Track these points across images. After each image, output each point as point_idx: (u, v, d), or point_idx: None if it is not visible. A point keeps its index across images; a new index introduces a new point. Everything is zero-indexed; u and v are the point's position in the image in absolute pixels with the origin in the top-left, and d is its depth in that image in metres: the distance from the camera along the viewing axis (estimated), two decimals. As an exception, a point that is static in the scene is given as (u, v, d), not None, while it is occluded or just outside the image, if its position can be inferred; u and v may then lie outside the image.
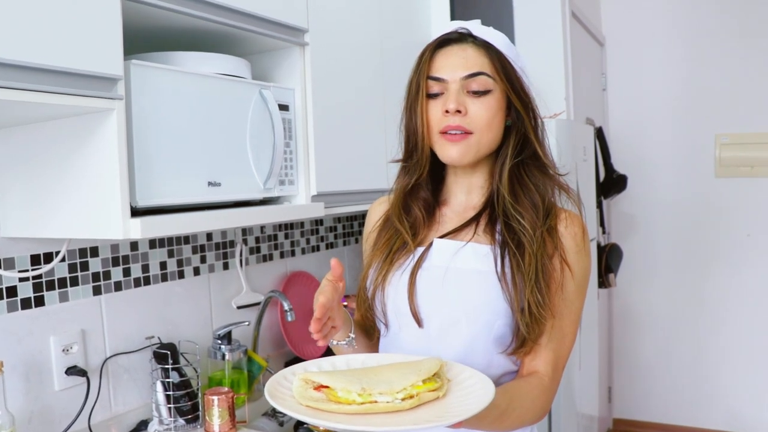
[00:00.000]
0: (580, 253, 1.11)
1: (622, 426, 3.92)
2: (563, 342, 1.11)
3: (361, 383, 0.86)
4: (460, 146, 1.07)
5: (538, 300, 1.03)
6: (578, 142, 2.75)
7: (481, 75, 1.08)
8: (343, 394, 0.85)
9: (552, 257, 1.08)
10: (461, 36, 1.11)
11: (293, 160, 1.63)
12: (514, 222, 1.08)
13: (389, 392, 0.85)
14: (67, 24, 1.06)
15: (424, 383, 0.88)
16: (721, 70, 3.54)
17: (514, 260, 1.06)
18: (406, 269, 1.11)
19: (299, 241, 2.32)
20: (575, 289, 1.10)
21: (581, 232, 1.12)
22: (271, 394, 0.89)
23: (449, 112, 1.06)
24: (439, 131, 1.08)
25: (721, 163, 3.60)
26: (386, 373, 0.90)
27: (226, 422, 1.58)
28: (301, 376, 0.91)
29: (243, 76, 1.49)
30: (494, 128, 1.09)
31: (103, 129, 1.16)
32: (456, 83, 1.07)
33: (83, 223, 1.23)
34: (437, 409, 0.86)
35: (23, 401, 1.42)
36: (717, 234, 3.64)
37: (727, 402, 3.65)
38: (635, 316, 3.87)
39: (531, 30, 2.83)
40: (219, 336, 1.80)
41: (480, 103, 1.07)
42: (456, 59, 1.09)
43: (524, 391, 1.04)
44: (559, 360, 1.10)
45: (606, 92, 3.83)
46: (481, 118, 1.07)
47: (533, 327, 1.03)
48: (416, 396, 0.86)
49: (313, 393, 0.87)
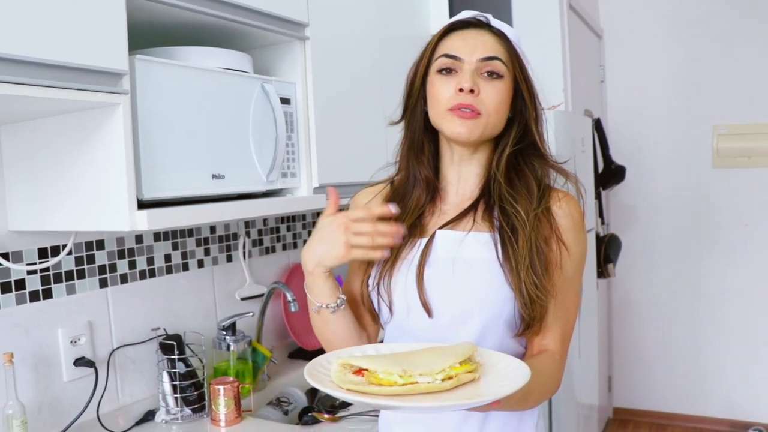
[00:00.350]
0: (576, 231, 1.13)
1: (622, 415, 3.96)
2: (568, 318, 1.13)
3: (400, 365, 0.88)
4: (470, 124, 1.09)
5: (534, 281, 1.05)
6: (576, 134, 2.77)
7: (496, 60, 1.10)
8: (384, 376, 0.87)
9: (549, 239, 1.10)
10: (479, 22, 1.15)
11: (295, 153, 1.65)
12: (508, 206, 1.10)
13: (429, 373, 0.87)
14: (73, 20, 1.08)
15: (461, 365, 0.90)
16: (718, 62, 3.56)
17: (509, 245, 1.08)
18: (413, 262, 1.12)
19: (301, 233, 2.34)
20: (574, 267, 1.13)
21: (577, 212, 1.14)
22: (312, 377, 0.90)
23: (463, 90, 1.08)
24: (449, 108, 1.10)
25: (718, 153, 3.62)
26: (423, 356, 0.91)
27: (232, 411, 1.61)
28: (339, 361, 0.92)
29: (245, 70, 1.52)
30: (501, 113, 1.12)
31: (109, 123, 1.18)
32: (472, 64, 1.09)
33: (90, 215, 1.26)
34: (476, 390, 0.89)
35: (33, 392, 1.45)
36: (715, 224, 3.67)
37: (725, 390, 3.69)
38: (635, 306, 3.90)
39: (529, 22, 2.84)
40: (223, 327, 1.83)
41: (492, 86, 1.09)
42: (474, 42, 1.11)
43: (541, 369, 1.06)
44: (565, 336, 1.13)
45: (604, 84, 3.85)
46: (492, 100, 1.09)
47: (533, 309, 1.05)
48: (455, 377, 0.88)
49: (352, 377, 0.89)
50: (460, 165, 1.18)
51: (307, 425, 1.62)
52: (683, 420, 3.79)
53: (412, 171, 1.20)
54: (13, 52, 0.99)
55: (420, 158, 1.19)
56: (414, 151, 1.19)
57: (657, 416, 3.86)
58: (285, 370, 2.07)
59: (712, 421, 3.72)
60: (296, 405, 1.86)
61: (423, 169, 1.19)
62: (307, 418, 1.64)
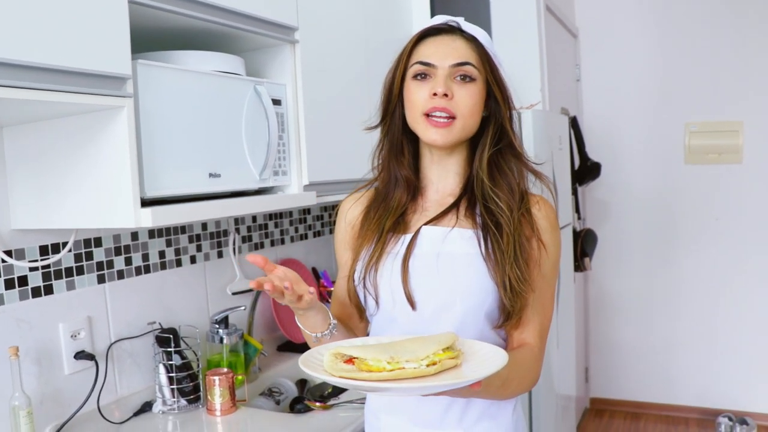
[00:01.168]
0: (553, 231, 1.21)
1: (598, 404, 4.07)
2: (545, 313, 1.21)
3: (388, 353, 0.95)
4: (443, 131, 1.15)
5: (518, 275, 1.12)
6: (553, 132, 2.86)
7: (468, 65, 1.16)
8: (374, 363, 0.94)
9: (530, 239, 1.17)
10: (451, 28, 1.21)
11: (286, 152, 1.71)
12: (492, 204, 1.17)
13: (415, 359, 0.94)
14: (78, 27, 1.14)
15: (444, 351, 0.98)
16: (690, 61, 3.68)
17: (494, 240, 1.15)
18: (398, 256, 1.18)
19: (288, 229, 2.40)
20: (551, 264, 1.21)
21: (552, 214, 1.23)
22: (306, 365, 0.96)
23: (437, 95, 1.14)
24: (424, 112, 1.16)
25: (690, 150, 3.74)
26: (409, 344, 0.99)
27: (227, 401, 1.67)
28: (332, 351, 0.99)
29: (238, 72, 1.58)
30: (475, 115, 1.18)
31: (113, 125, 1.24)
32: (445, 69, 1.16)
33: (94, 213, 1.31)
34: (458, 375, 0.96)
35: (36, 384, 1.50)
36: (686, 218, 3.79)
37: (697, 379, 3.82)
38: (610, 299, 4.02)
39: (507, 24, 2.92)
40: (216, 321, 1.89)
41: (465, 89, 1.16)
42: (446, 48, 1.17)
43: (520, 360, 1.13)
44: (543, 330, 1.21)
45: (580, 83, 3.95)
46: (465, 104, 1.16)
47: (515, 301, 1.13)
48: (439, 362, 0.96)
49: (343, 365, 0.96)
50: (439, 164, 1.24)
51: (300, 413, 1.69)
52: (657, 409, 3.92)
53: (393, 172, 1.26)
54: (22, 58, 1.05)
55: (400, 160, 1.25)
56: (394, 153, 1.25)
57: (632, 405, 3.98)
58: (275, 362, 2.14)
59: (685, 410, 3.85)
60: (287, 395, 1.93)
61: (403, 170, 1.25)
62: (300, 407, 1.71)
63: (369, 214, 1.26)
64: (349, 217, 1.30)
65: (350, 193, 1.34)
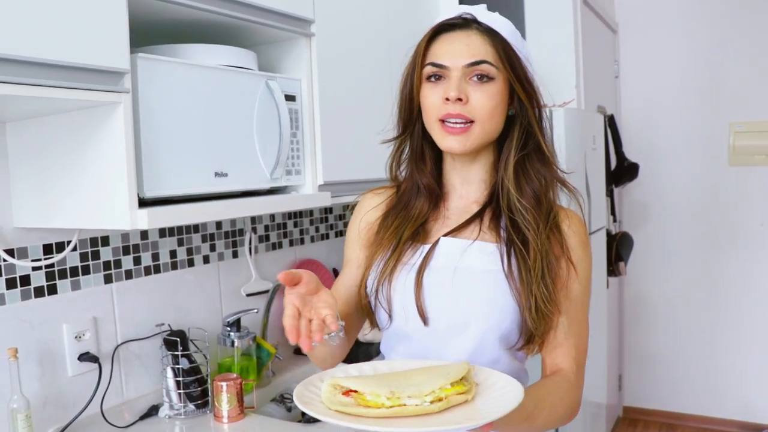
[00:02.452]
0: (584, 249, 1.11)
1: (632, 414, 3.93)
2: (581, 336, 1.11)
3: (389, 387, 0.86)
4: (460, 138, 1.06)
5: (545, 295, 1.03)
6: (587, 131, 2.75)
7: (483, 63, 1.05)
8: (371, 398, 0.86)
9: (559, 258, 1.07)
10: (466, 22, 1.09)
11: (300, 150, 1.65)
12: (519, 217, 1.07)
13: (418, 395, 0.86)
14: (73, 20, 1.09)
15: (452, 386, 0.89)
16: (736, 57, 3.51)
17: (520, 257, 1.05)
18: (413, 267, 1.10)
19: (308, 229, 2.34)
20: (582, 284, 1.10)
21: (583, 230, 1.12)
22: (301, 400, 0.89)
23: (450, 99, 1.04)
24: (438, 118, 1.06)
25: (735, 151, 3.57)
26: (414, 377, 0.90)
27: (234, 408, 1.61)
28: (329, 381, 0.91)
29: (249, 67, 1.51)
30: (496, 117, 1.07)
31: (110, 122, 1.19)
32: (458, 70, 1.05)
33: (92, 213, 1.26)
34: (466, 412, 0.87)
35: (38, 387, 1.46)
36: (730, 223, 3.62)
37: (739, 392, 3.65)
38: (647, 305, 3.87)
39: (541, 17, 2.81)
40: (228, 323, 1.83)
41: (482, 91, 1.05)
42: (459, 46, 1.06)
43: (551, 389, 1.04)
44: (579, 355, 1.10)
45: (618, 79, 3.80)
46: (482, 106, 1.05)
47: (540, 322, 1.03)
48: (445, 399, 0.87)
49: (342, 398, 0.88)
50: (462, 171, 1.15)
51: (309, 423, 1.62)
52: (694, 421, 3.76)
53: (414, 180, 1.17)
54: (15, 53, 0.99)
55: (421, 167, 1.16)
56: (414, 159, 1.17)
57: (667, 416, 3.83)
58: (290, 367, 2.08)
59: (724, 423, 3.69)
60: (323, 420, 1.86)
61: (425, 178, 1.16)
62: (310, 417, 1.64)
63: (387, 220, 1.17)
64: (368, 216, 1.22)
65: (372, 189, 1.26)
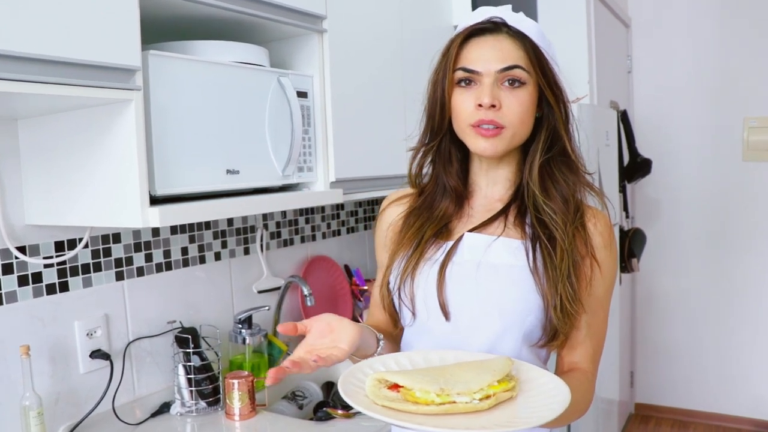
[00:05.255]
0: (608, 249, 1.10)
1: (644, 410, 3.90)
2: (599, 336, 1.11)
3: (438, 383, 0.85)
4: (494, 141, 1.05)
5: (570, 294, 1.02)
6: (601, 127, 2.72)
7: (516, 68, 1.04)
8: (421, 395, 0.85)
9: (584, 257, 1.07)
10: (495, 26, 1.08)
11: (312, 147, 1.64)
12: (546, 217, 1.06)
13: (467, 392, 0.85)
14: (85, 17, 1.08)
15: (499, 383, 0.88)
16: (750, 52, 3.46)
17: (546, 253, 1.04)
18: (436, 262, 1.09)
19: (320, 225, 2.33)
20: (605, 284, 1.10)
21: (608, 230, 1.11)
22: (346, 392, 0.87)
23: (483, 106, 1.03)
24: (470, 124, 1.06)
25: (749, 146, 3.53)
26: (460, 373, 0.89)
27: (246, 405, 1.61)
28: (374, 376, 0.90)
29: (261, 64, 1.50)
30: (526, 122, 1.07)
31: (121, 119, 1.18)
32: (491, 76, 1.04)
33: (104, 211, 1.25)
34: (513, 410, 0.86)
35: (50, 384, 1.46)
36: (743, 219, 3.58)
37: (752, 389, 3.62)
38: (659, 301, 3.84)
39: (554, 12, 2.78)
40: (240, 320, 1.83)
41: (514, 97, 1.04)
42: (491, 51, 1.05)
43: (575, 387, 1.02)
44: (596, 354, 1.11)
45: (631, 75, 3.77)
46: (514, 112, 1.04)
47: (565, 321, 1.03)
48: (493, 396, 0.86)
49: (387, 392, 0.87)
50: (489, 172, 1.15)
51: (320, 421, 1.62)
52: (707, 418, 3.73)
53: (440, 181, 1.16)
54: (24, 50, 0.99)
55: (448, 169, 1.15)
56: (442, 162, 1.16)
57: (680, 413, 3.80)
58: (301, 364, 2.07)
59: (737, 420, 3.65)
60: (311, 399, 1.86)
61: (452, 180, 1.15)
62: (321, 414, 1.64)
63: (410, 220, 1.17)
64: (391, 217, 1.21)
65: (394, 196, 1.25)
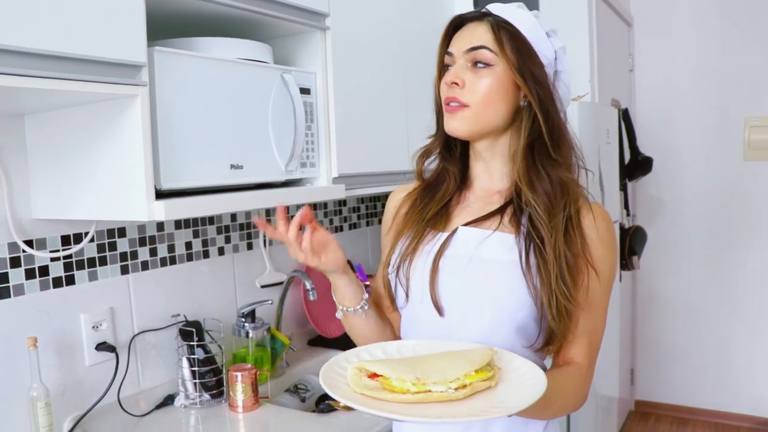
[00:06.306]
0: (604, 243, 1.10)
1: (644, 408, 3.92)
2: (596, 332, 1.11)
3: (415, 372, 0.87)
4: (457, 116, 1.09)
5: (564, 292, 1.02)
6: (601, 125, 2.74)
7: (481, 48, 1.07)
8: (397, 383, 0.87)
9: (576, 255, 1.06)
10: (481, 15, 1.12)
11: (314, 143, 1.66)
12: (533, 212, 1.07)
13: (443, 381, 0.87)
14: (91, 13, 1.10)
15: (476, 372, 0.89)
16: (752, 51, 3.48)
17: (538, 252, 1.05)
18: (430, 253, 1.12)
19: (322, 221, 2.35)
20: (603, 280, 1.10)
21: (604, 225, 1.10)
22: (326, 382, 0.90)
23: (447, 84, 1.09)
24: (444, 103, 1.11)
25: (750, 146, 3.54)
26: (439, 362, 0.91)
27: (249, 398, 1.63)
28: (355, 364, 0.92)
29: (265, 60, 1.52)
30: (494, 103, 1.08)
31: (127, 114, 1.20)
32: (461, 57, 1.09)
33: (110, 205, 1.28)
34: (490, 399, 0.88)
35: (56, 376, 1.48)
36: (744, 217, 3.60)
37: (752, 386, 3.63)
38: (660, 299, 3.86)
39: (556, 10, 2.80)
40: (243, 314, 1.85)
41: (478, 76, 1.08)
42: (465, 34, 1.10)
43: (565, 380, 1.05)
44: (592, 350, 1.11)
45: (633, 73, 3.78)
46: (477, 91, 1.07)
47: (561, 319, 1.03)
48: (469, 385, 0.87)
49: (367, 381, 0.89)
50: (484, 162, 1.16)
51: (322, 413, 1.64)
52: (707, 415, 3.75)
53: (444, 166, 1.20)
54: (30, 46, 1.01)
55: (451, 154, 1.20)
56: (446, 149, 1.20)
57: (680, 410, 3.82)
58: (304, 358, 2.09)
59: (737, 417, 3.67)
60: (314, 392, 1.88)
61: (453, 167, 1.19)
62: (323, 406, 1.66)
63: (415, 202, 1.21)
64: (399, 201, 1.25)
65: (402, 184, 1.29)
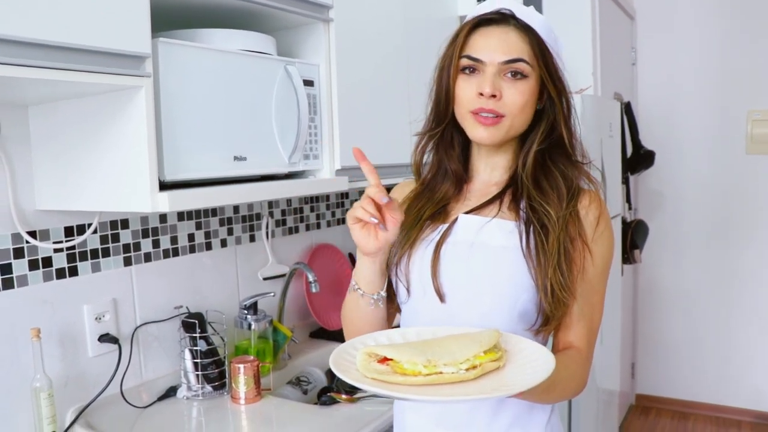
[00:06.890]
0: (600, 230, 1.11)
1: (644, 401, 3.93)
2: (594, 316, 1.13)
3: (425, 355, 0.88)
4: (491, 130, 1.08)
5: (560, 282, 1.04)
6: (604, 118, 2.73)
7: (519, 62, 1.07)
8: (409, 366, 0.87)
9: (573, 239, 1.08)
10: (504, 17, 1.10)
11: (318, 135, 1.65)
12: (537, 204, 1.09)
13: (453, 363, 0.87)
14: (96, 4, 1.09)
15: (485, 354, 0.91)
16: (754, 45, 3.47)
17: (538, 238, 1.07)
18: (431, 243, 1.13)
19: (325, 213, 2.35)
20: (599, 265, 1.11)
21: (599, 211, 1.12)
22: (339, 368, 0.90)
23: (484, 95, 1.06)
24: (470, 111, 1.09)
25: (752, 139, 3.54)
26: (448, 344, 0.92)
27: (251, 389, 1.64)
28: (364, 350, 0.92)
29: (268, 52, 1.52)
30: (526, 113, 1.10)
31: (131, 106, 1.20)
32: (494, 66, 1.07)
33: (113, 196, 1.28)
34: (500, 379, 0.89)
35: (59, 367, 1.49)
36: (746, 211, 3.60)
37: (753, 380, 3.64)
38: (661, 293, 3.86)
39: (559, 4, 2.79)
40: (245, 306, 1.85)
41: (515, 88, 1.07)
42: (497, 42, 1.08)
43: (567, 364, 1.05)
44: (591, 334, 1.13)
45: (635, 67, 3.77)
46: (514, 103, 1.07)
47: (556, 307, 1.05)
48: (479, 366, 0.89)
49: (377, 366, 0.89)
50: (487, 159, 1.18)
51: (324, 405, 1.64)
52: (707, 409, 3.76)
53: (442, 165, 1.20)
54: (35, 36, 1.00)
55: (450, 153, 1.19)
56: (444, 146, 1.19)
57: (681, 404, 3.83)
58: (306, 350, 2.10)
59: (738, 412, 3.68)
60: (315, 384, 1.88)
61: (452, 164, 1.19)
62: (325, 398, 1.66)
63: (412, 202, 1.21)
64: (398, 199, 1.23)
65: (403, 181, 1.29)
